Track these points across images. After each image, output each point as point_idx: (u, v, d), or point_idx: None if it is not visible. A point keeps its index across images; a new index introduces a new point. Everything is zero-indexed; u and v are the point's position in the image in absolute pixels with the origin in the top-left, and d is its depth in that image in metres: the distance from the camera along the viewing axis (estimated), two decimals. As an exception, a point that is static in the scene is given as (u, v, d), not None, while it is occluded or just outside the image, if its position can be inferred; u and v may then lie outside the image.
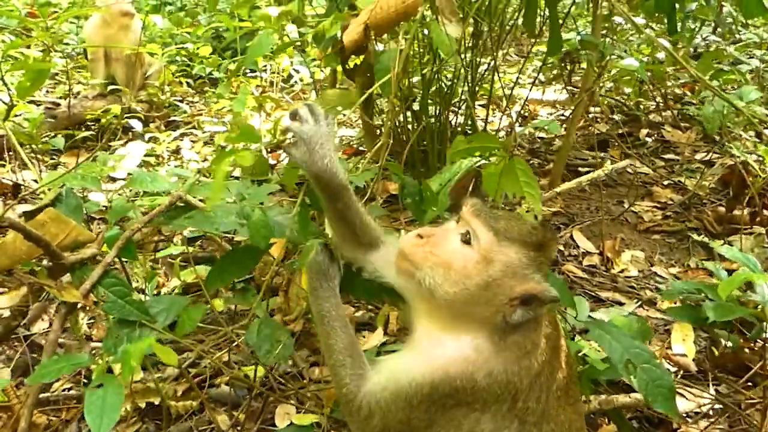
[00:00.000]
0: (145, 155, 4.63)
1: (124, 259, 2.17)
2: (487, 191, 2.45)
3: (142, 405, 2.52)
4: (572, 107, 5.85)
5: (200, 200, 2.04)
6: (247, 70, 5.87)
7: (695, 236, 3.31)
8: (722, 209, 3.80)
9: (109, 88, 5.75)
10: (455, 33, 2.02)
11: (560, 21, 3.53)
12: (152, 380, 2.55)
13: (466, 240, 1.46)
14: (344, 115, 4.37)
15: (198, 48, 6.18)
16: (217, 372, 2.71)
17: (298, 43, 4.03)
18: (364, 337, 2.91)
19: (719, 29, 5.84)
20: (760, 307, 2.06)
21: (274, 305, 3.00)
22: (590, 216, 4.01)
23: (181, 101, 6.10)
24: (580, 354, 2.20)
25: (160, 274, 3.33)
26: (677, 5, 3.86)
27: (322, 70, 5.24)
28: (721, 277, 2.15)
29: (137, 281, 3.12)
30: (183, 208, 1.94)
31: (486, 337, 1.41)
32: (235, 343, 2.88)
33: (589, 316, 2.21)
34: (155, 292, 3.15)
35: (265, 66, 5.81)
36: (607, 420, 2.42)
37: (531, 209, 2.38)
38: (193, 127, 5.68)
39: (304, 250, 1.65)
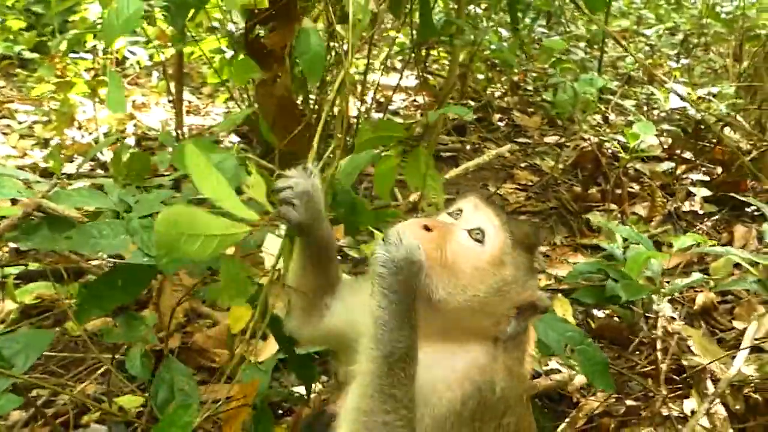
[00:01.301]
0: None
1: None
2: (377, 192, 2.33)
3: (-14, 464, 2.03)
4: (422, 92, 5.99)
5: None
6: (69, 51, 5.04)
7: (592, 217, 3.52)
8: (578, 189, 4.10)
9: None
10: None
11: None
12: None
13: (478, 238, 1.29)
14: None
15: (5, 21, 5.19)
16: (83, 409, 2.28)
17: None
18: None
19: (551, 22, 6.34)
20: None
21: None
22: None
23: (-15, 85, 5.13)
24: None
25: (-10, 297, 2.72)
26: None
27: (161, 53, 4.66)
28: (616, 255, 2.27)
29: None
30: (46, 221, 1.53)
31: (490, 349, 1.27)
32: (102, 370, 2.46)
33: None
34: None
35: (95, 46, 5.07)
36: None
37: (433, 203, 2.31)
38: (3, 117, 4.81)
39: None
